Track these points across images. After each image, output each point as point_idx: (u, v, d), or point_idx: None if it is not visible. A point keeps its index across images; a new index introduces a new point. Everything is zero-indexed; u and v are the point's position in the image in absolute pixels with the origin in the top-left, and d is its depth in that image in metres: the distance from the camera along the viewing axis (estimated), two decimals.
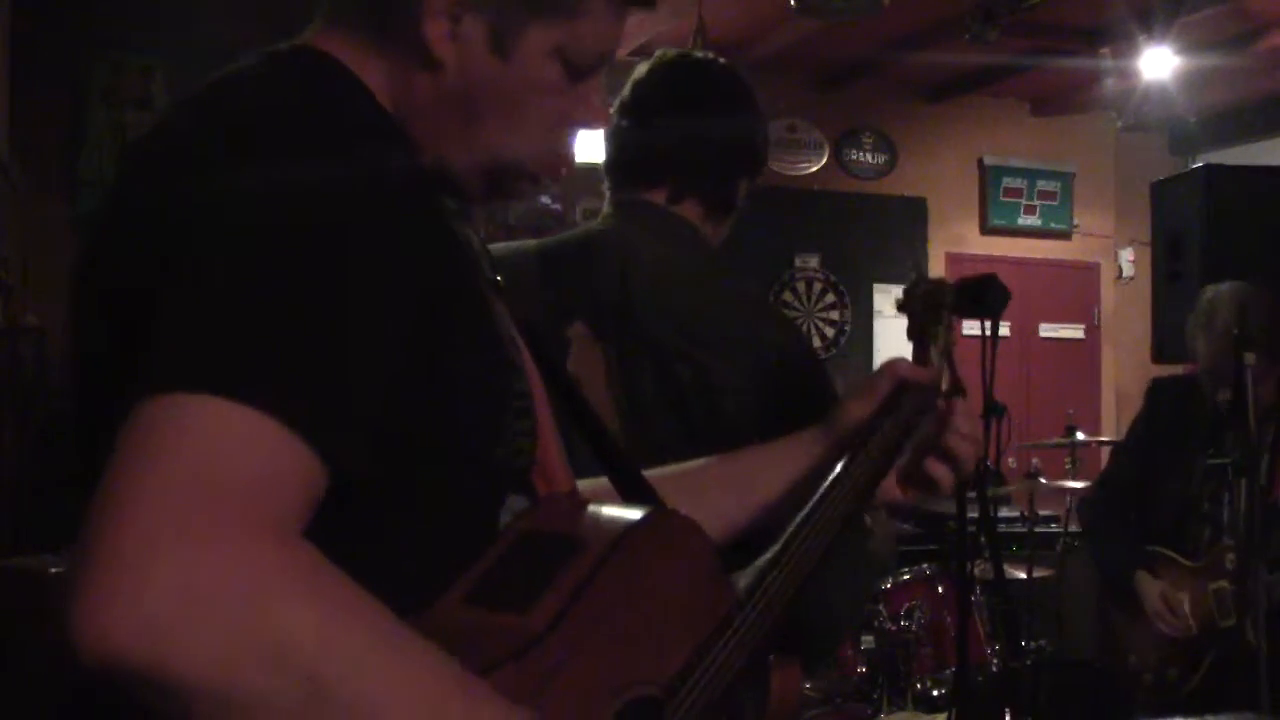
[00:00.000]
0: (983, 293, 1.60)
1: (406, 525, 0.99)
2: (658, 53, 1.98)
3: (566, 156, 1.15)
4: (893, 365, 1.46)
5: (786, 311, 7.82)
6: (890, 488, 1.44)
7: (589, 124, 1.14)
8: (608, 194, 1.94)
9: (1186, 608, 3.35)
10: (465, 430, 1.02)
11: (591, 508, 1.15)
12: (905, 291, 1.57)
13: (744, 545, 1.36)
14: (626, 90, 1.93)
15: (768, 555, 1.27)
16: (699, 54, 2.00)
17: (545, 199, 6.25)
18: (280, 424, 0.82)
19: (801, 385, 1.75)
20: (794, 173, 8.02)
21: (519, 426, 1.07)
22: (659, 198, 1.87)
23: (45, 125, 6.16)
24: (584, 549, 1.05)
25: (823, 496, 1.33)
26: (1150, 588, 3.42)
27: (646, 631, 1.09)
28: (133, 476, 0.79)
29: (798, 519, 1.30)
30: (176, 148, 0.98)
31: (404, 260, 0.93)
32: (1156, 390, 3.72)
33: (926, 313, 1.54)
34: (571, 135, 1.14)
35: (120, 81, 6.40)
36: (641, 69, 1.94)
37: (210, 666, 0.76)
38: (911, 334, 1.53)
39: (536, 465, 1.11)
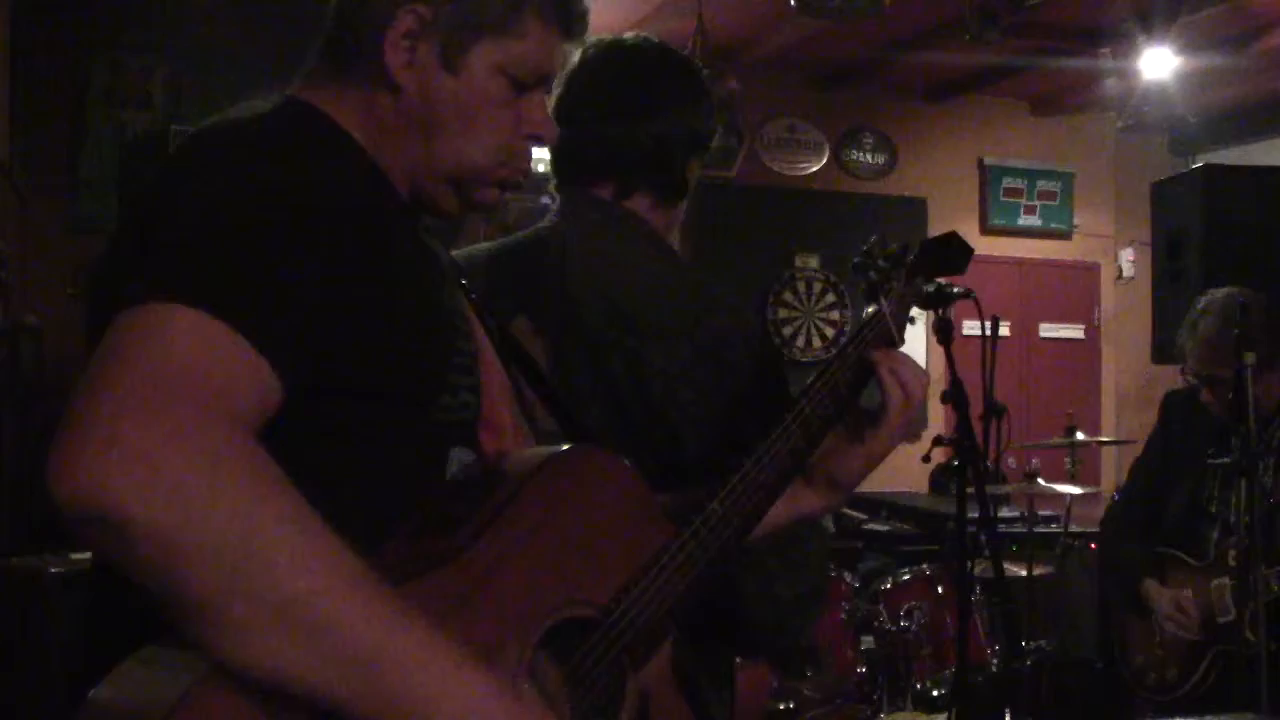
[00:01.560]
0: (945, 250, 1.62)
1: (358, 467, 1.10)
2: (590, 41, 1.89)
3: (523, 166, 1.30)
4: None
5: (786, 311, 7.84)
6: (848, 458, 1.51)
7: (536, 134, 1.29)
8: (557, 193, 1.91)
9: (1191, 606, 3.36)
10: (410, 372, 1.15)
11: (522, 449, 1.23)
12: (864, 253, 1.58)
13: None
14: (560, 85, 1.87)
15: (715, 488, 1.33)
16: (629, 38, 1.91)
17: (546, 199, 6.25)
18: (233, 329, 0.97)
19: (745, 373, 1.72)
20: (794, 173, 8.02)
21: (463, 381, 1.20)
22: (606, 193, 1.85)
23: (45, 125, 6.16)
24: (507, 480, 1.13)
25: (772, 433, 1.41)
26: (1160, 594, 3.42)
27: (578, 556, 1.14)
28: (106, 366, 0.94)
29: (748, 452, 1.38)
30: (165, 169, 1.14)
31: (341, 230, 1.09)
32: (1168, 402, 3.74)
33: (886, 270, 1.56)
34: (526, 145, 1.29)
35: (120, 81, 6.40)
36: (573, 61, 1.88)
37: (154, 515, 0.89)
38: (869, 292, 1.57)
39: (485, 424, 1.23)
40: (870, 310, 1.55)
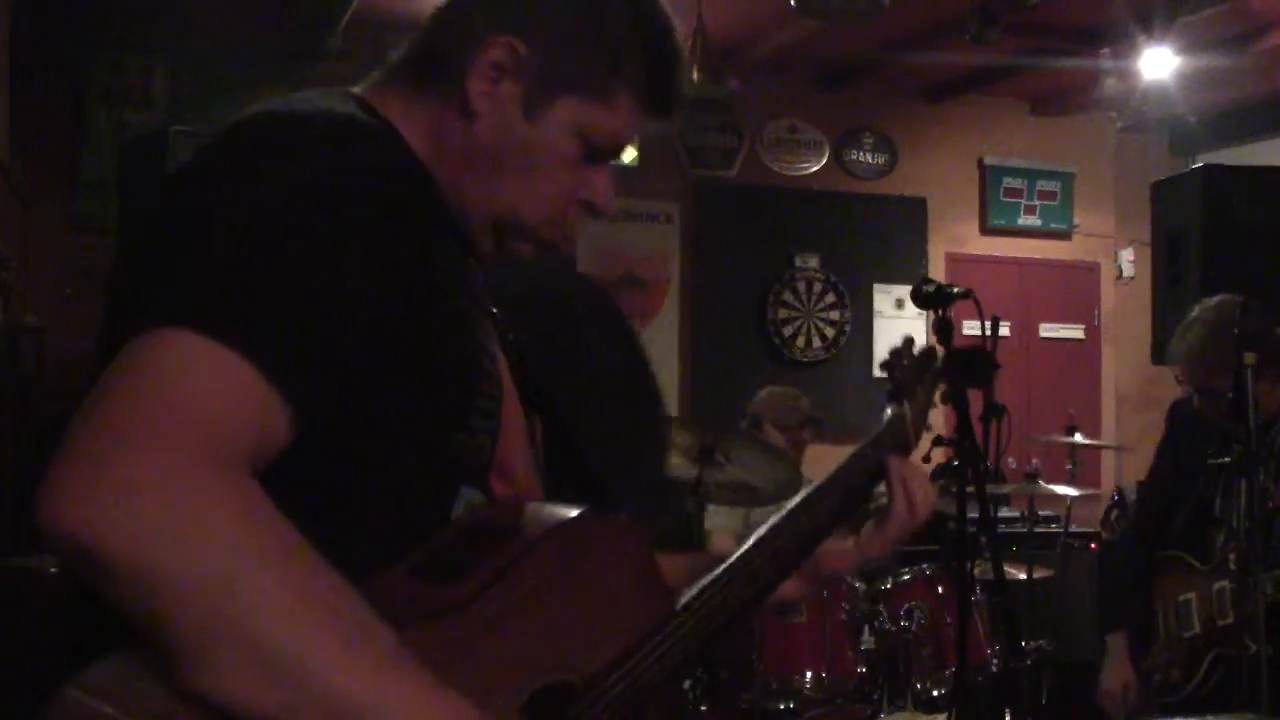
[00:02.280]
0: (973, 362, 1.63)
1: (365, 499, 1.07)
2: None
3: (570, 232, 1.25)
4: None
5: (786, 311, 7.83)
6: (839, 554, 1.51)
7: (596, 206, 1.23)
8: None
9: (1194, 609, 3.36)
10: (430, 411, 1.11)
11: (535, 504, 1.21)
12: (892, 354, 1.58)
13: None
14: None
15: (716, 570, 1.32)
16: None
17: None
18: (247, 361, 0.94)
19: (592, 339, 1.74)
20: (794, 173, 8.01)
21: (483, 424, 1.17)
22: None
23: (45, 125, 6.16)
24: (518, 536, 1.12)
25: (779, 523, 1.40)
26: (1114, 658, 3.44)
27: (574, 623, 1.14)
28: (110, 392, 0.92)
29: (753, 537, 1.37)
30: (193, 165, 1.09)
31: (387, 256, 1.05)
32: (1174, 412, 3.74)
33: (912, 374, 1.56)
34: (579, 213, 1.24)
35: (120, 81, 6.40)
36: None
37: (134, 552, 0.87)
38: (892, 394, 1.57)
39: (498, 469, 1.19)
40: (890, 413, 1.54)
